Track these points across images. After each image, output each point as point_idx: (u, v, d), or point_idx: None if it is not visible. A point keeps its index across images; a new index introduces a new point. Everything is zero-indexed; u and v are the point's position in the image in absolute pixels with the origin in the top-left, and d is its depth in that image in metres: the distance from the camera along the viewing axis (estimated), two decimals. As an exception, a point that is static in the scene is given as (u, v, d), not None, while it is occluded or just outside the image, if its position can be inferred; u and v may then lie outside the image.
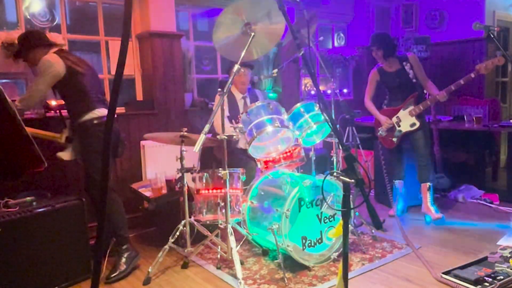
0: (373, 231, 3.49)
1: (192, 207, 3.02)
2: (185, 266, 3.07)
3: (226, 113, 3.66)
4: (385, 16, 6.40)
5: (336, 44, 6.34)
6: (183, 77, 4.49)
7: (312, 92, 5.70)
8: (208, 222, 2.96)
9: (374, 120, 4.12)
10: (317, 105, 3.15)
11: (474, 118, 4.59)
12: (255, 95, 3.97)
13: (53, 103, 3.54)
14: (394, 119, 3.91)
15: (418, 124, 3.80)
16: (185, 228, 3.00)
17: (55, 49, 2.92)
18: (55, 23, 3.86)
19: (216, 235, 3.01)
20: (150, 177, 3.81)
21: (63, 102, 3.06)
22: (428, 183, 3.82)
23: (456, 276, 2.61)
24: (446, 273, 2.67)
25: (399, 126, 3.90)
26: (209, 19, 5.20)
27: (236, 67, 2.60)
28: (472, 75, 3.48)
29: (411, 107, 3.81)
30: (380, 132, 4.04)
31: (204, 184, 2.93)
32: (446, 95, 3.61)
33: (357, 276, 2.81)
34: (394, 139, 3.95)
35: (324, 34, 6.21)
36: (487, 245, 3.21)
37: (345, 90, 6.16)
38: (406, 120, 3.85)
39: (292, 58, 3.97)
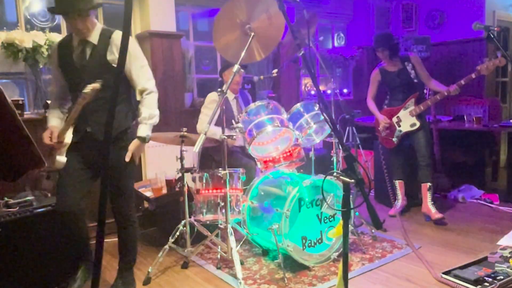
0: (373, 231, 3.49)
1: (192, 207, 3.01)
2: (185, 266, 3.07)
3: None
4: (385, 16, 6.41)
5: (336, 44, 6.34)
6: (183, 77, 4.49)
7: (312, 92, 5.70)
8: (208, 222, 2.95)
9: (375, 120, 4.12)
10: (317, 105, 3.15)
11: (474, 118, 4.59)
12: (246, 96, 3.97)
13: (53, 103, 3.53)
14: (394, 119, 3.91)
15: (418, 124, 3.80)
16: (185, 228, 3.00)
17: None
18: (55, 23, 3.86)
19: (216, 235, 3.01)
20: (150, 177, 3.82)
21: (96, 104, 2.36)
22: (428, 183, 3.82)
23: (456, 276, 2.61)
24: (446, 273, 2.67)
25: (399, 126, 3.90)
26: (209, 19, 5.20)
27: (236, 67, 2.60)
28: (473, 76, 3.48)
29: (412, 107, 3.81)
30: (381, 131, 4.04)
31: (204, 184, 2.93)
32: (459, 88, 3.57)
33: (357, 276, 2.80)
34: (394, 139, 3.95)
35: (324, 34, 6.21)
36: (487, 245, 3.21)
37: (345, 90, 6.16)
38: (406, 120, 3.85)
39: (292, 58, 3.97)
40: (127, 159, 2.41)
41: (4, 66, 3.44)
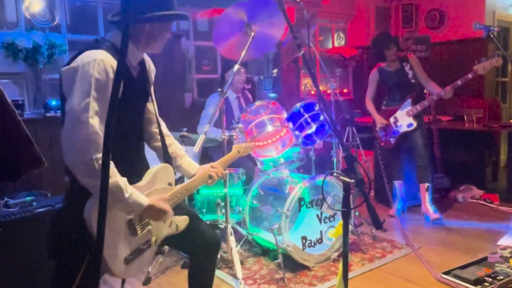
0: (373, 231, 3.49)
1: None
2: (185, 266, 3.07)
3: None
4: (385, 16, 6.41)
5: (336, 44, 6.34)
6: (183, 77, 4.49)
7: (312, 92, 5.71)
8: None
9: (372, 121, 4.12)
10: (317, 105, 3.15)
11: (474, 118, 4.59)
12: (246, 96, 3.97)
13: (53, 103, 3.54)
14: (392, 119, 3.91)
15: (415, 124, 3.80)
16: (185, 228, 2.99)
17: None
18: (55, 23, 3.86)
19: (216, 235, 3.01)
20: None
21: None
22: (427, 184, 3.82)
23: (456, 276, 2.61)
24: (446, 273, 2.67)
25: (396, 126, 3.90)
26: (209, 19, 5.20)
27: (236, 67, 2.60)
28: (470, 76, 3.48)
29: (409, 107, 3.81)
30: (378, 132, 4.04)
31: (204, 184, 2.93)
32: (451, 90, 3.57)
33: (357, 276, 2.80)
34: (391, 139, 3.95)
35: (324, 34, 6.21)
36: (487, 245, 3.21)
37: (345, 90, 6.16)
38: (403, 120, 3.85)
39: (292, 58, 3.97)
40: None
41: (4, 66, 3.44)
